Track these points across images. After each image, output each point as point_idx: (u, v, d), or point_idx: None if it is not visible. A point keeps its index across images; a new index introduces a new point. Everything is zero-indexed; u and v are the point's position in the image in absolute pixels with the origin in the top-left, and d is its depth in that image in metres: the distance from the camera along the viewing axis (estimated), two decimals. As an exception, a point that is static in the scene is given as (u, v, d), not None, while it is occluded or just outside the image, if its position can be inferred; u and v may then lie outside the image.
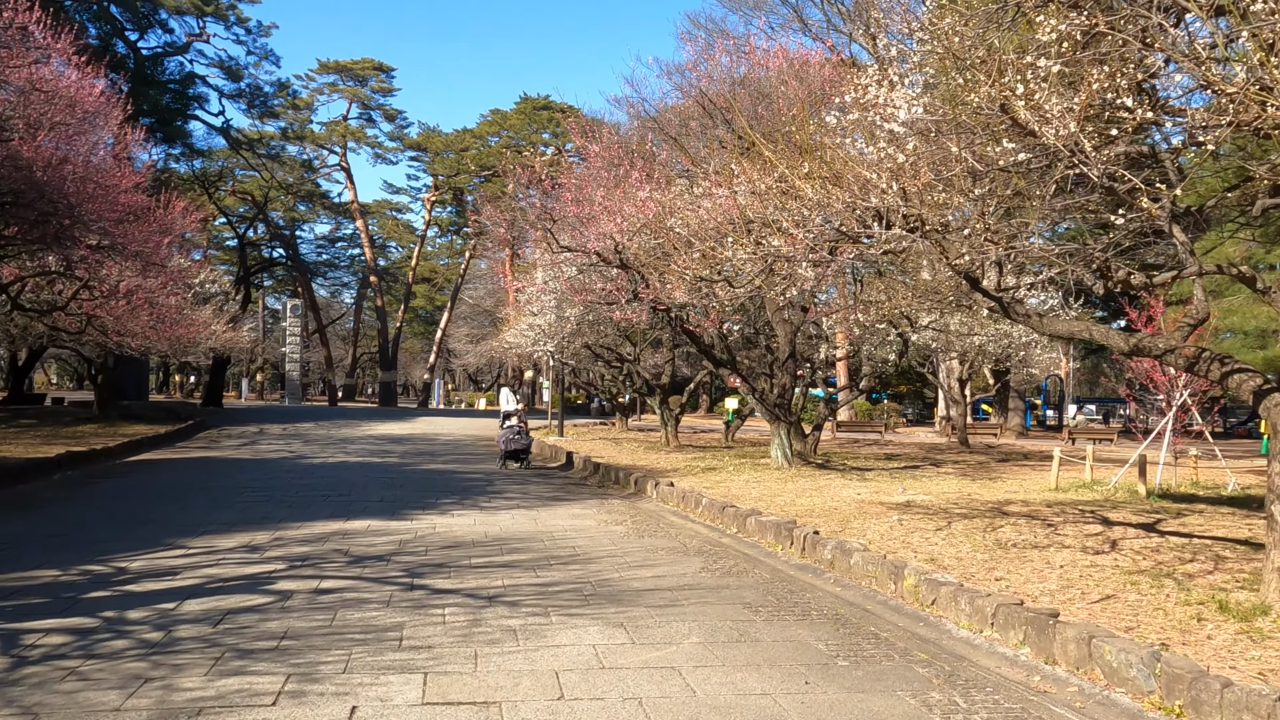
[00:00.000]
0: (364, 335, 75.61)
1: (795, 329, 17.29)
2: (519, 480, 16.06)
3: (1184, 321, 7.48)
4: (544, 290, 20.22)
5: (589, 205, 14.92)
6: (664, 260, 9.99)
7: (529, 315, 22.02)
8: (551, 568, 8.22)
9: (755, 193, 7.91)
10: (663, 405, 24.82)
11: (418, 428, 32.27)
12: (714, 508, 11.58)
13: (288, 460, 18.98)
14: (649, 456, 20.49)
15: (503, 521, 11.01)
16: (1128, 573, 7.74)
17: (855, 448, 26.54)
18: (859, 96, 6.67)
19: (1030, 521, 10.73)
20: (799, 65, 17.06)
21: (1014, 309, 7.89)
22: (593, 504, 12.95)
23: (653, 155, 16.60)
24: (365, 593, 7.04)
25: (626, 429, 31.82)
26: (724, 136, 16.00)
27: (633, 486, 14.87)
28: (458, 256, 66.98)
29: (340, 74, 58.53)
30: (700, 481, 14.98)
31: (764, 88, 16.41)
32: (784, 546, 9.47)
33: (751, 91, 16.91)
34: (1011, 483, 16.11)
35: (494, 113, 60.96)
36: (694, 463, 18.63)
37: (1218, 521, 10.90)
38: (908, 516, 11.00)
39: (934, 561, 8.31)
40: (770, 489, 13.97)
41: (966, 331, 22.95)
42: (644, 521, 11.33)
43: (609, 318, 19.43)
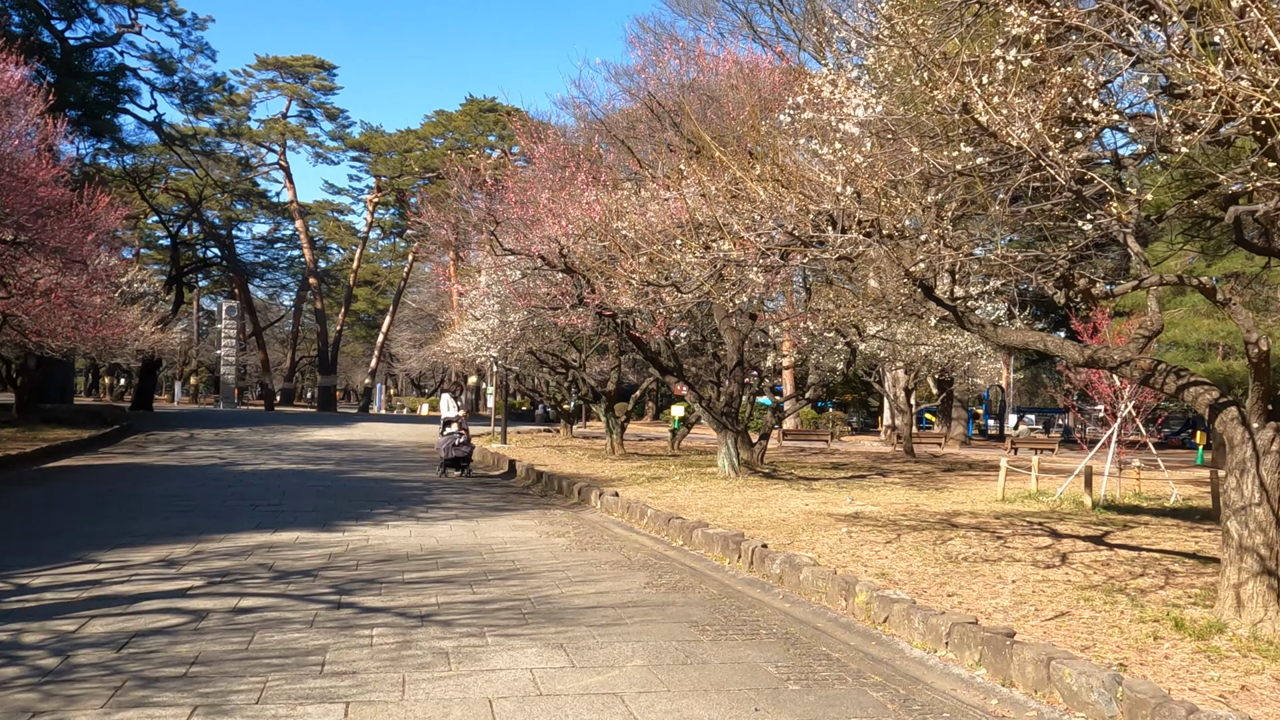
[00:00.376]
0: (303, 338, 74.08)
1: (743, 336, 17.09)
2: (459, 489, 15.60)
3: (1139, 333, 7.37)
4: (487, 294, 19.78)
5: (533, 207, 14.55)
6: (610, 264, 9.67)
7: (472, 320, 21.55)
8: (489, 583, 7.83)
9: (705, 195, 7.63)
10: (608, 412, 24.50)
11: (357, 434, 31.50)
12: (660, 519, 11.27)
13: (216, 467, 18.26)
14: (593, 465, 20.13)
15: (440, 533, 10.58)
16: (1080, 588, 7.59)
17: (802, 456, 26.47)
18: (812, 97, 6.43)
19: (979, 534, 10.60)
20: (749, 70, 16.90)
21: (967, 318, 7.71)
22: (534, 514, 12.56)
23: (599, 157, 16.30)
24: (288, 612, 6.59)
25: (571, 436, 31.42)
26: (672, 140, 15.76)
27: (576, 496, 14.51)
28: (401, 259, 65.92)
29: (280, 70, 57.28)
30: (646, 491, 14.67)
31: (713, 92, 16.20)
32: (731, 560, 9.19)
33: (701, 95, 16.69)
34: (958, 493, 16.06)
35: (439, 114, 60.18)
36: (639, 471, 18.32)
37: (1164, 534, 10.89)
38: (857, 528, 10.81)
39: (885, 576, 8.09)
40: (717, 499, 13.71)
41: (913, 341, 23.00)
42: (587, 533, 10.98)
43: (554, 323, 19.05)
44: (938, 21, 4.94)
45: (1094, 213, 5.01)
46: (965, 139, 5.54)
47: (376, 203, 61.26)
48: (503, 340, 21.43)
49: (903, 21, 4.81)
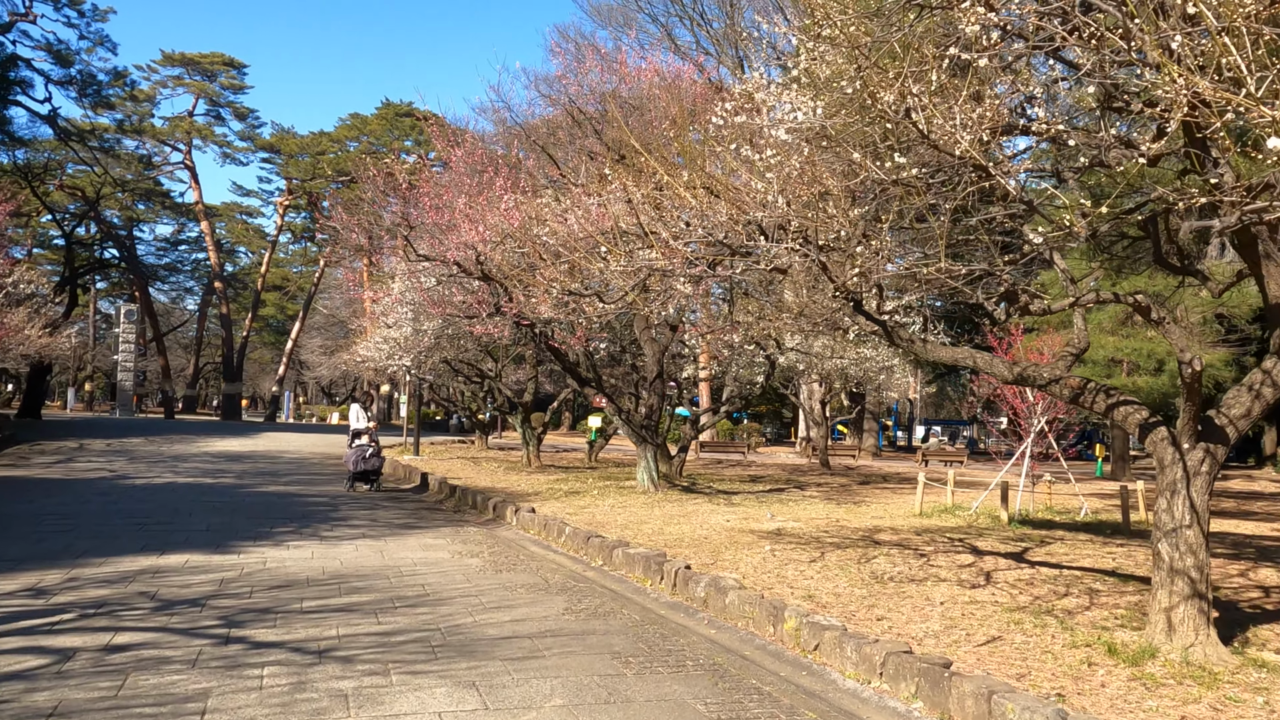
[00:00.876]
0: (208, 344, 71.34)
1: (664, 348, 16.81)
2: (368, 504, 14.92)
3: (1066, 351, 7.27)
4: (400, 301, 19.10)
5: (450, 213, 14.02)
6: (530, 273, 9.26)
7: (384, 327, 20.81)
8: (396, 611, 7.32)
9: (630, 202, 7.28)
10: (525, 423, 23.97)
11: (261, 444, 30.27)
12: (578, 537, 10.86)
13: (105, 481, 17.18)
14: (509, 478, 19.60)
15: (345, 554, 9.98)
16: (1009, 610, 7.45)
17: (719, 469, 26.34)
18: (743, 101, 6.15)
19: (902, 551, 10.46)
20: (671, 80, 16.67)
21: (897, 333, 7.51)
22: (447, 532, 12.02)
23: (519, 163, 15.85)
24: (169, 649, 5.99)
25: (486, 447, 30.74)
26: (594, 147, 15.40)
27: (491, 512, 13.99)
28: (312, 264, 64.08)
29: (187, 67, 55.16)
30: (563, 506, 14.23)
31: (636, 101, 15.91)
32: (654, 582, 8.83)
33: (623, 104, 16.38)
34: (876, 507, 16.03)
35: (353, 117, 58.77)
36: (557, 485, 17.86)
37: (1081, 550, 10.92)
38: (780, 546, 10.57)
39: (812, 599, 7.84)
40: (637, 515, 13.35)
41: (830, 354, 23.06)
42: (503, 553, 10.50)
43: (469, 332, 18.48)
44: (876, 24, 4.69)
45: (1038, 226, 4.84)
46: (902, 149, 5.31)
47: (287, 206, 59.43)
48: (416, 349, 20.75)
49: (841, 21, 4.54)
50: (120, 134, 51.05)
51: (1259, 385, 6.13)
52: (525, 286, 11.26)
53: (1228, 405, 6.18)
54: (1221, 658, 5.96)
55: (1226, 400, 6.20)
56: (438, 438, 38.68)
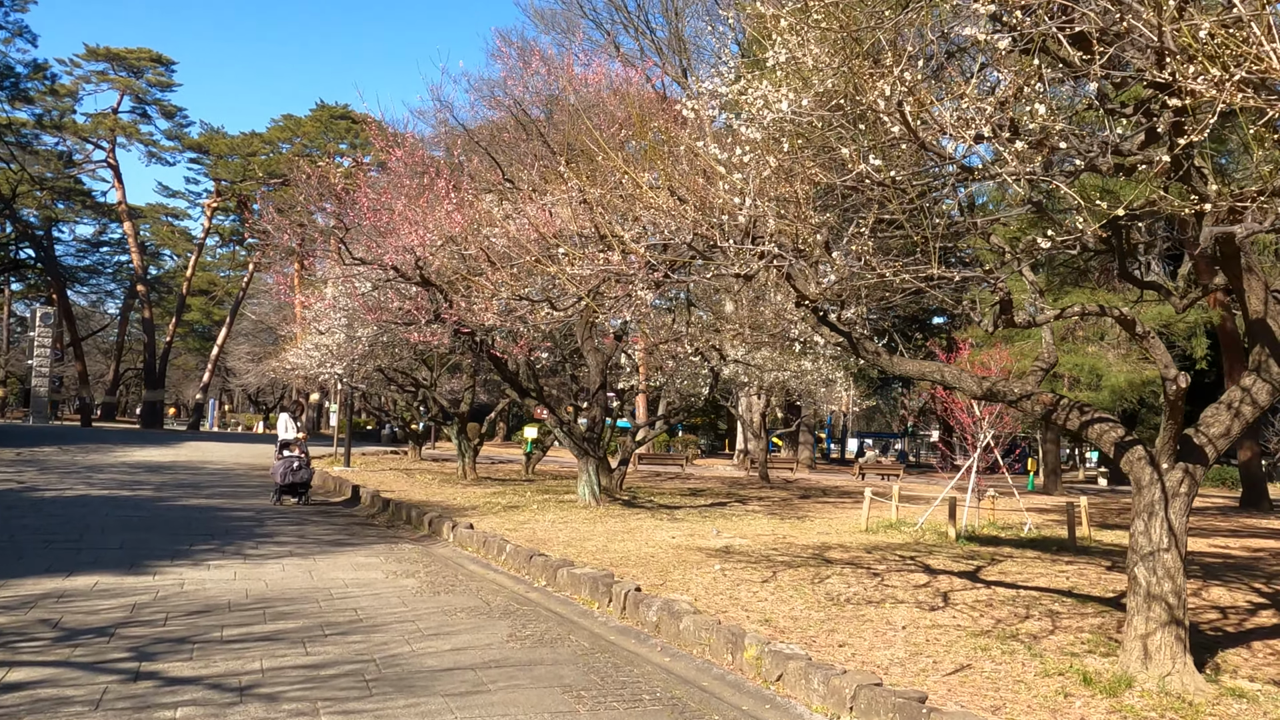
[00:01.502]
0: (129, 349, 68.87)
1: (607, 358, 16.39)
2: (296, 519, 14.19)
3: (1036, 366, 7.04)
4: (334, 307, 18.38)
5: (388, 215, 13.43)
6: (476, 277, 8.77)
7: (316, 334, 20.01)
8: (326, 640, 6.76)
9: (585, 202, 6.87)
10: (460, 434, 23.31)
11: (183, 454, 29.06)
12: (520, 555, 10.36)
13: (11, 493, 16.12)
14: (445, 491, 18.96)
15: (271, 575, 9.34)
16: (973, 635, 7.18)
17: (658, 482, 25.98)
18: (709, 97, 5.79)
19: (855, 570, 10.18)
20: (619, 85, 16.30)
21: (861, 346, 7.22)
22: (381, 549, 11.41)
23: (461, 166, 15.31)
24: (70, 686, 5.37)
25: (420, 458, 29.94)
26: (539, 150, 14.94)
27: (427, 527, 13.39)
28: (240, 269, 62.21)
29: (112, 62, 53.23)
30: (503, 522, 13.70)
31: (583, 104, 15.50)
32: (602, 604, 8.39)
33: (570, 108, 15.97)
34: (821, 522, 15.80)
35: (287, 118, 57.30)
36: (494, 499, 17.29)
37: (1032, 569, 10.76)
38: (730, 565, 10.21)
39: (769, 623, 7.48)
40: (580, 531, 12.89)
41: (772, 367, 22.86)
42: (440, 572, 9.95)
43: (406, 339, 17.84)
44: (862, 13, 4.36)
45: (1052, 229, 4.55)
46: (884, 148, 4.99)
47: (215, 208, 57.67)
48: (349, 356, 20.00)
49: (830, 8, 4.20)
50: (39, 129, 49.10)
51: (1238, 403, 5.94)
52: (468, 292, 10.76)
53: (1206, 424, 5.98)
54: (1199, 687, 5.73)
55: (1205, 419, 6.00)
56: (370, 448, 37.67)
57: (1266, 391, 5.89)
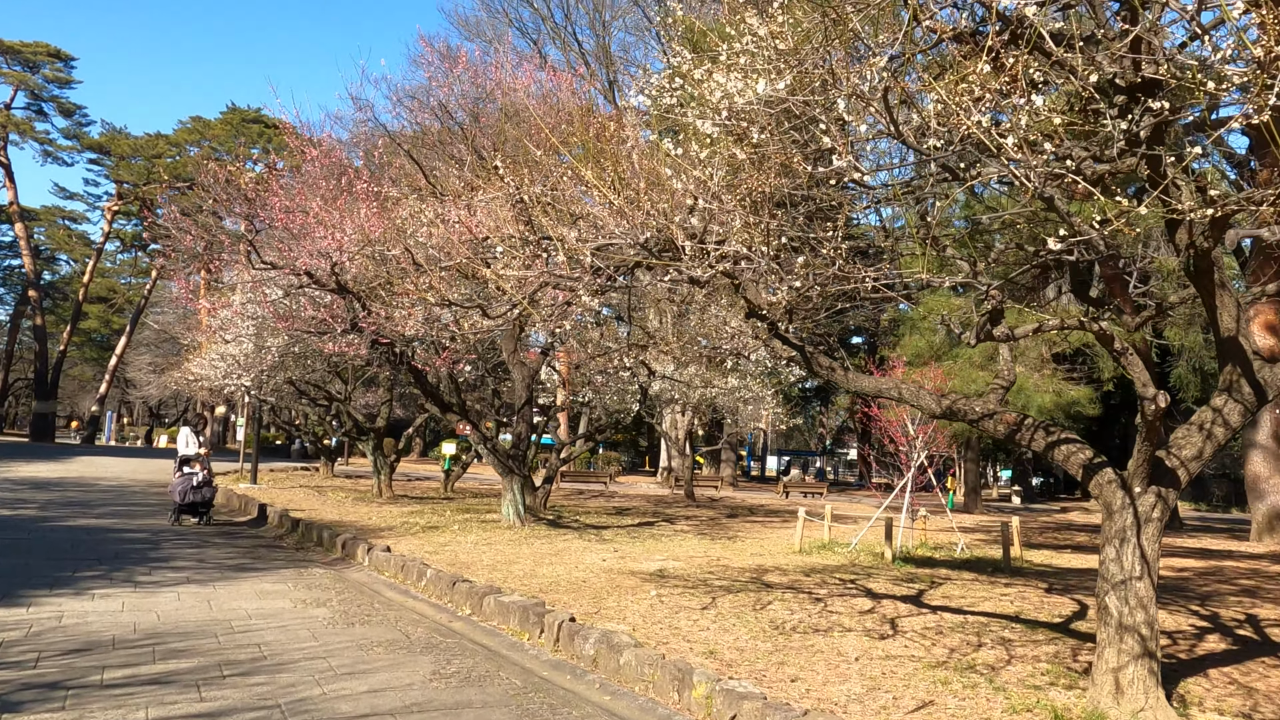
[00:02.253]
0: (20, 358, 65.27)
1: (534, 372, 15.77)
2: (196, 541, 13.20)
3: (996, 384, 6.72)
4: (241, 315, 17.35)
5: (301, 217, 12.62)
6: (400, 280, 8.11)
7: (221, 343, 18.90)
8: (225, 682, 6.02)
9: (523, 200, 6.31)
10: (376, 450, 22.33)
11: (74, 469, 27.34)
12: (442, 581, 9.67)
13: (-124, 513, 14.71)
14: (359, 510, 18.04)
15: (164, 605, 8.48)
16: (930, 667, 6.79)
17: (583, 500, 25.37)
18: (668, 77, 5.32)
19: (796, 595, 9.77)
20: (548, 89, 15.78)
21: (816, 360, 6.82)
22: (289, 575, 10.58)
23: (382, 169, 14.57)
24: (-88, 748, 4.57)
25: (332, 475, 28.76)
26: (463, 154, 14.29)
27: (340, 550, 12.56)
28: (143, 275, 59.53)
29: (5, 56, 50.51)
30: (422, 544, 12.96)
31: (512, 108, 14.92)
32: (533, 636, 7.78)
33: (497, 111, 15.37)
34: (753, 543, 15.43)
35: (195, 120, 55.19)
36: (412, 518, 16.48)
37: (974, 592, 10.51)
38: (666, 590, 9.70)
39: (714, 655, 6.98)
40: (505, 554, 12.23)
41: (701, 383, 22.53)
42: (355, 600, 9.21)
43: (319, 350, 16.93)
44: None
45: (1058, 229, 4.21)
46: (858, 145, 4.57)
47: (117, 212, 55.07)
48: (258, 368, 18.93)
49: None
50: (-77, 123, 46.17)
51: (1210, 424, 5.68)
52: (389, 299, 10.08)
53: (1178, 446, 5.70)
54: (1174, 723, 5.43)
55: (1176, 441, 5.73)
56: (278, 464, 36.17)
57: (1238, 412, 5.65)
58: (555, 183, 6.48)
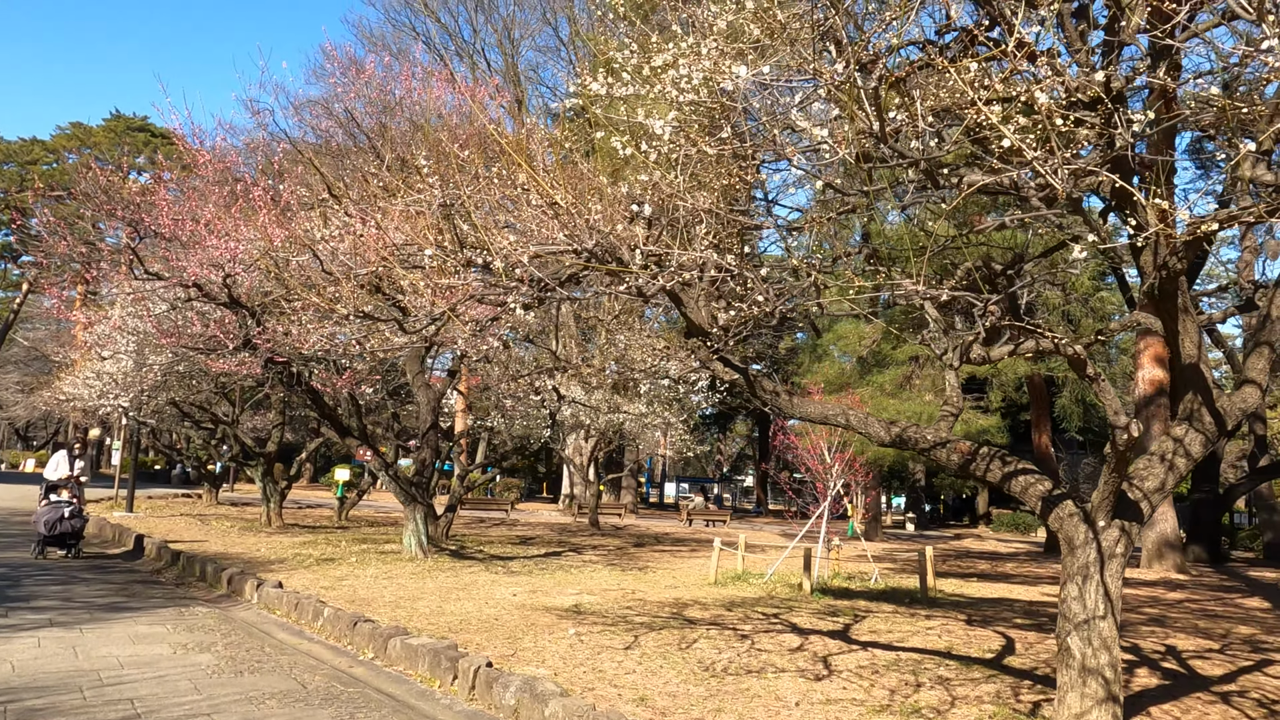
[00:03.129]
0: None
1: (439, 395, 15.02)
2: (62, 577, 12.00)
3: (945, 411, 6.42)
4: (121, 329, 16.09)
5: (192, 225, 11.68)
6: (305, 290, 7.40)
7: (98, 360, 17.47)
8: (90, 748, 5.20)
9: (447, 205, 5.74)
10: (266, 476, 21.08)
11: (-74, 496, 25.10)
12: (341, 621, 8.88)
13: None
14: (247, 540, 16.88)
15: (21, 653, 7.49)
16: (874, 711, 6.41)
17: (484, 529, 24.52)
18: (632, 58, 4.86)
19: (721, 631, 9.32)
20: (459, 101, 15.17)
21: (759, 384, 6.41)
22: (168, 615, 9.61)
23: (281, 175, 13.69)
24: None
25: (216, 502, 27.14)
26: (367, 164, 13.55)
27: (225, 586, 11.56)
28: (13, 289, 55.91)
29: None
30: (318, 578, 12.06)
31: (420, 119, 14.27)
32: (445, 682, 7.11)
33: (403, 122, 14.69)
34: (665, 574, 14.95)
35: (75, 126, 52.36)
36: (305, 549, 15.45)
37: (899, 625, 10.25)
38: (585, 628, 9.12)
39: (645, 702, 6.46)
40: (408, 589, 11.45)
41: (609, 409, 22.02)
42: (243, 644, 8.35)
43: (206, 369, 15.81)
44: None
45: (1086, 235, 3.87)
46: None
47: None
48: (138, 387, 17.60)
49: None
50: None
51: (1171, 455, 5.47)
52: (289, 313, 9.30)
53: (1140, 477, 5.47)
54: (1140, 772, 5.14)
55: (1137, 472, 5.50)
56: (159, 490, 34.11)
57: (1200, 442, 5.46)
58: (484, 185, 5.94)
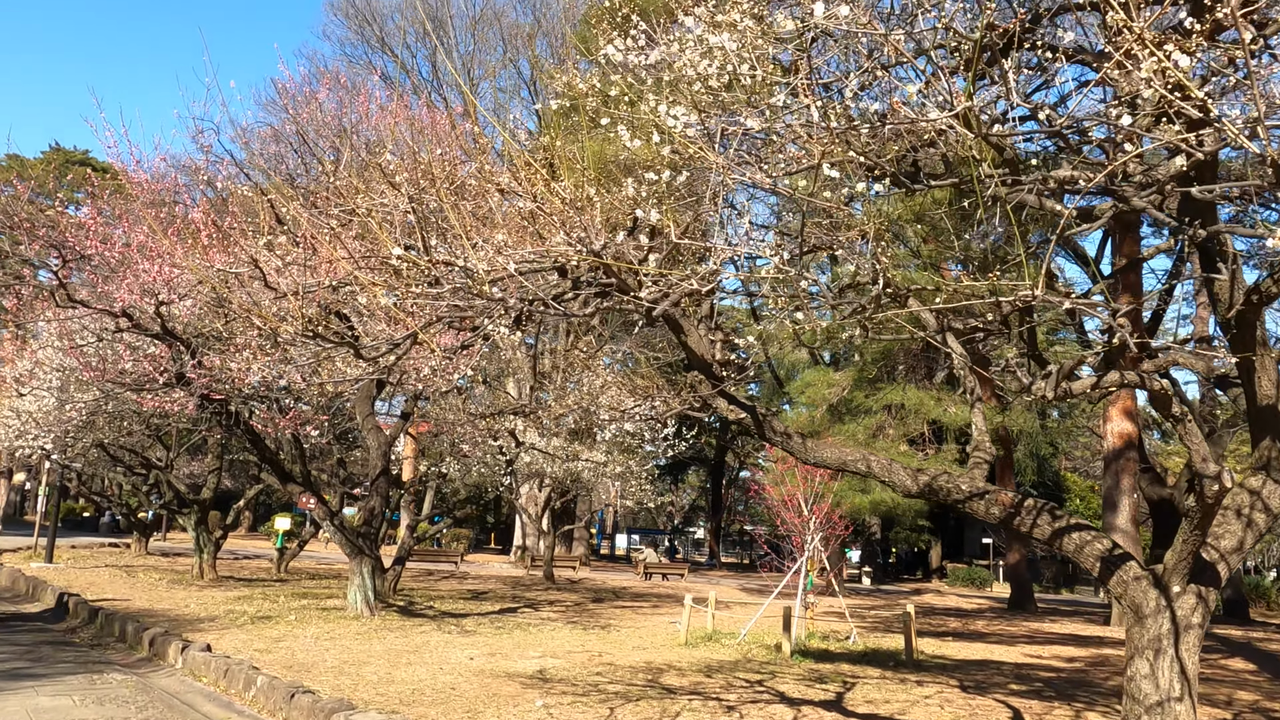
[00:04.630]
0: None
1: (391, 440, 14.00)
2: (-41, 637, 10.72)
3: (977, 457, 5.69)
4: (42, 365, 14.82)
5: (123, 248, 10.66)
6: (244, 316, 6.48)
7: (15, 397, 16.13)
8: None
9: (413, 210, 4.93)
10: (200, 525, 19.69)
11: None
12: (277, 692, 7.82)
13: None
14: (175, 595, 15.56)
15: (-108, 734, 6.36)
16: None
17: (433, 582, 23.27)
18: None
19: (705, 702, 8.42)
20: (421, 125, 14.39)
21: (769, 425, 5.64)
22: (78, 683, 8.45)
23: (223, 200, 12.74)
24: None
25: (146, 553, 25.52)
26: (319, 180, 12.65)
27: (147, 648, 10.37)
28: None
29: None
30: (252, 639, 10.92)
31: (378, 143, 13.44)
32: (397, 769, 6.13)
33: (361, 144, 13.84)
34: (631, 633, 13.98)
35: (11, 159, 50.48)
36: (240, 605, 14.22)
37: (893, 694, 9.43)
38: (553, 699, 8.16)
39: (635, 794, 5.54)
40: (354, 652, 10.36)
41: (566, 456, 21.09)
42: (161, 719, 7.26)
43: (137, 408, 14.63)
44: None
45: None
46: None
47: (-91, 252, 49.44)
48: (61, 427, 16.28)
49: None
50: None
51: (1248, 510, 4.78)
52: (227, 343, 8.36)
53: (1216, 536, 4.77)
54: None
55: (1214, 531, 4.80)
56: (85, 539, 32.21)
57: (1279, 495, 4.78)
58: (455, 190, 5.15)
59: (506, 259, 4.22)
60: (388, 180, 4.97)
